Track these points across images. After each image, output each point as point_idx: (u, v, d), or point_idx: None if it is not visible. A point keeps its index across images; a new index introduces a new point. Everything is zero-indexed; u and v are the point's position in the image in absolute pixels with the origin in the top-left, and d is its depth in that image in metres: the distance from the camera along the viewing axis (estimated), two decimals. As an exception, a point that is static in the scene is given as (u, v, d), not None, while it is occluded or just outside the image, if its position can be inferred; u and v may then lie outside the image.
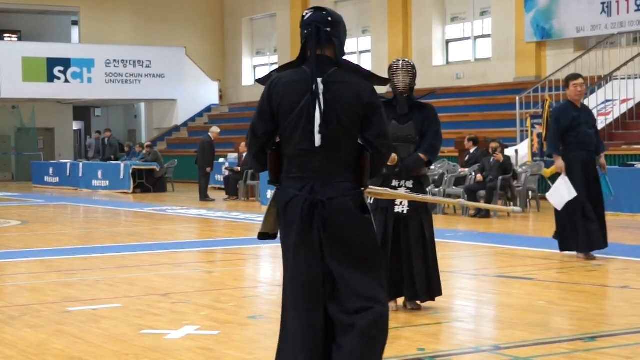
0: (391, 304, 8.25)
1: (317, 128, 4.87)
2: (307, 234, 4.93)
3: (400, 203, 8.30)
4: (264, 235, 5.17)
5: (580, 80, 11.78)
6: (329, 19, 5.00)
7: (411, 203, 8.29)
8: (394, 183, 8.32)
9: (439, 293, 8.44)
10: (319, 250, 4.95)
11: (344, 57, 5.07)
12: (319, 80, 4.90)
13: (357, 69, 5.05)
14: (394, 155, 8.09)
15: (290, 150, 4.98)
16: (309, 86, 4.89)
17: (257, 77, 5.66)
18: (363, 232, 5.00)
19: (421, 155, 8.28)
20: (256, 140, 5.08)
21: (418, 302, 8.42)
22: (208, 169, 25.51)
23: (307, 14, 5.03)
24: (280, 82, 5.00)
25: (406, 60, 8.47)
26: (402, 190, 8.30)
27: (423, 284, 8.29)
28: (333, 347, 4.98)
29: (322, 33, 4.95)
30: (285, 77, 5.01)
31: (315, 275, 4.97)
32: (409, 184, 8.35)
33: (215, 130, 26.33)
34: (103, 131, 39.48)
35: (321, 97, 4.87)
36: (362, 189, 5.03)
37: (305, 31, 4.99)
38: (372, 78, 5.11)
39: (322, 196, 4.91)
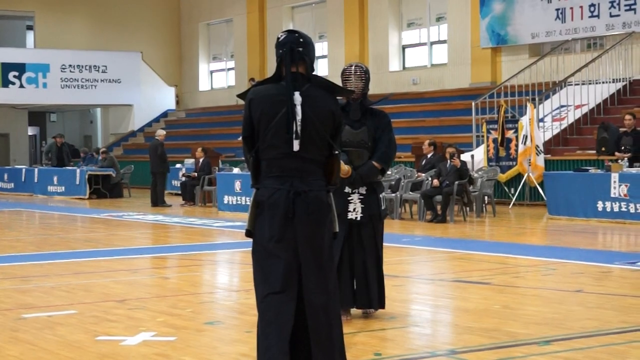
0: (344, 315, 8.21)
1: (296, 134, 5.46)
2: (289, 221, 5.45)
3: (354, 210, 8.25)
4: (249, 233, 5.63)
5: None
6: (301, 40, 5.62)
7: (365, 210, 8.25)
8: (347, 190, 8.24)
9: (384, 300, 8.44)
10: (296, 240, 5.46)
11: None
12: (297, 93, 5.50)
13: (326, 83, 5.68)
14: (347, 167, 8.06)
15: (270, 154, 5.53)
16: (286, 98, 5.48)
17: (237, 93, 6.17)
18: (328, 227, 5.59)
19: (375, 163, 8.20)
20: (245, 142, 5.68)
21: (372, 310, 8.41)
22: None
23: (281, 36, 5.65)
24: (259, 96, 5.58)
25: (359, 65, 8.38)
26: (355, 197, 8.27)
27: (376, 292, 8.25)
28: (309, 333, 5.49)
29: (296, 52, 5.57)
30: (263, 90, 5.60)
31: (294, 263, 5.47)
32: (362, 190, 8.27)
33: (161, 132, 26.34)
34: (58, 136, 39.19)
35: (299, 108, 5.47)
36: (330, 187, 5.63)
37: (280, 51, 5.61)
38: (338, 91, 5.83)
39: (302, 189, 5.49)
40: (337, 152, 5.62)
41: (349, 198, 8.24)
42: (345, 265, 8.17)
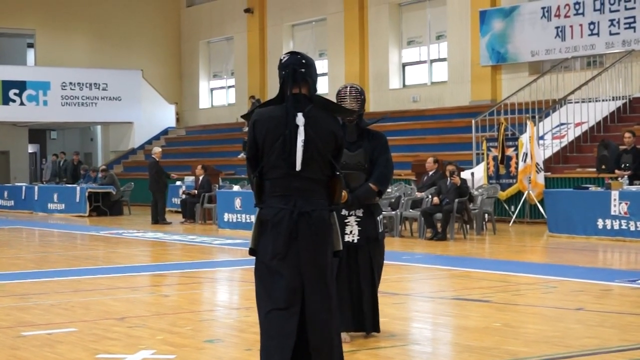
0: (343, 335, 8.12)
1: (299, 154, 5.55)
2: (293, 240, 5.54)
3: (351, 232, 8.12)
4: (253, 251, 5.72)
5: None
6: (303, 61, 5.72)
7: (362, 232, 8.13)
8: (344, 212, 8.09)
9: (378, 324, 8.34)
10: (299, 258, 5.55)
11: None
12: (300, 114, 5.58)
13: (328, 104, 5.78)
14: (343, 193, 7.94)
15: (274, 174, 5.63)
16: (289, 120, 5.57)
17: (241, 114, 6.22)
18: (330, 246, 5.67)
19: (372, 185, 8.08)
20: (249, 163, 5.75)
21: (364, 332, 8.30)
22: (173, 175, 26.28)
23: (284, 57, 5.75)
24: (263, 117, 5.68)
25: (354, 86, 8.26)
26: (352, 219, 8.15)
27: (370, 315, 8.15)
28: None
29: (298, 74, 5.67)
30: (267, 112, 5.69)
31: (296, 280, 5.55)
32: (359, 212, 8.15)
33: (156, 150, 26.39)
34: (59, 154, 39.27)
35: (302, 128, 5.56)
36: (333, 207, 5.73)
37: (284, 72, 5.71)
38: (340, 111, 6.08)
39: (305, 209, 5.57)
40: (339, 172, 5.69)
41: (346, 220, 8.11)
42: (342, 287, 8.05)
